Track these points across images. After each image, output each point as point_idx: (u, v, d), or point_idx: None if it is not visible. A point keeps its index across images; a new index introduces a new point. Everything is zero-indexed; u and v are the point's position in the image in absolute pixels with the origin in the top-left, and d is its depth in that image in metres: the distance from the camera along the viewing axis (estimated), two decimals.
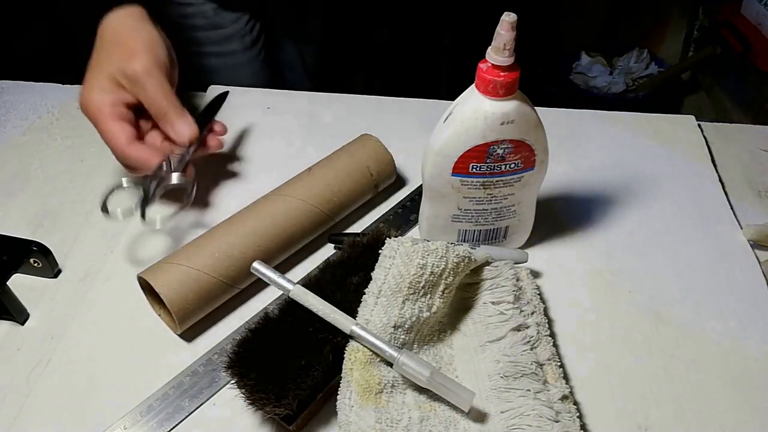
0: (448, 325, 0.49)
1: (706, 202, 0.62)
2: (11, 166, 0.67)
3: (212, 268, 0.49)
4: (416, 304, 0.45)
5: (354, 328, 0.43)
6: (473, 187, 0.50)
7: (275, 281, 0.46)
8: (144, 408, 0.46)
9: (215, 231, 0.53)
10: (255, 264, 0.46)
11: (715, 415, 0.46)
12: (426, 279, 0.45)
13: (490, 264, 0.50)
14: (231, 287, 0.51)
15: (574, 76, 1.65)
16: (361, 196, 0.59)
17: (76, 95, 0.76)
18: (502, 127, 0.46)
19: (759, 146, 0.70)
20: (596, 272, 0.56)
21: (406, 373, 0.42)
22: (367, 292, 0.45)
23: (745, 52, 1.31)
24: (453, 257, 0.46)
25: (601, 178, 0.65)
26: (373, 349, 0.43)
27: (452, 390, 0.42)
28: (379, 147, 0.60)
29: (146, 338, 0.51)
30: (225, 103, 0.65)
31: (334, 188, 0.57)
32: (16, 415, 0.46)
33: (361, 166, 0.59)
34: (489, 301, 0.48)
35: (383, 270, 0.45)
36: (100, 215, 0.61)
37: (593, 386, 0.48)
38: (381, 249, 0.47)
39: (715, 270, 0.56)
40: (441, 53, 1.74)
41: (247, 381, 0.42)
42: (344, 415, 0.42)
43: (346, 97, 0.76)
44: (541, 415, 0.42)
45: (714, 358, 0.50)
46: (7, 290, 0.51)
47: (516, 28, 0.42)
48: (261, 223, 0.53)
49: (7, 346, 0.51)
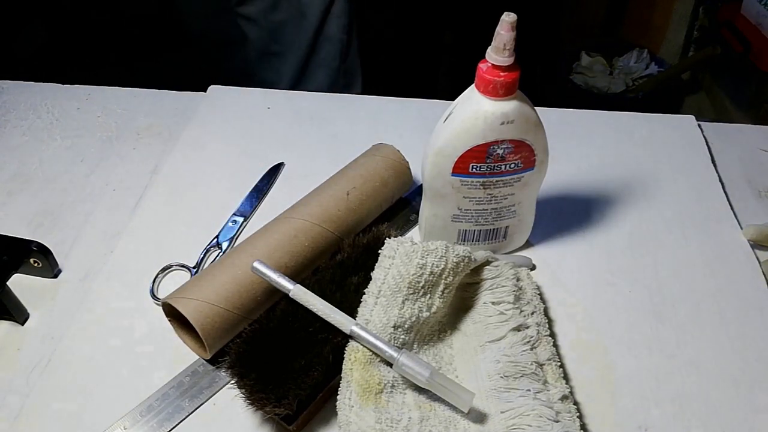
0: (448, 325, 0.49)
1: (706, 202, 0.62)
2: (11, 166, 0.67)
3: (243, 309, 0.47)
4: (416, 304, 0.45)
5: (354, 328, 0.43)
6: (473, 187, 0.50)
7: (276, 281, 0.46)
8: (144, 408, 0.46)
9: (245, 263, 0.48)
10: (256, 264, 0.46)
11: (715, 415, 0.46)
12: (425, 279, 0.45)
13: (490, 264, 0.50)
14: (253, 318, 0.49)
15: (574, 76, 1.65)
16: (377, 213, 0.58)
17: (76, 95, 0.76)
18: (502, 127, 0.46)
19: (759, 146, 0.70)
20: (596, 272, 0.56)
21: (406, 373, 0.42)
22: (366, 292, 0.45)
23: (745, 52, 1.31)
24: (453, 257, 0.46)
25: (601, 178, 0.65)
26: (373, 350, 0.43)
27: (452, 390, 0.42)
28: (403, 168, 0.58)
29: (146, 338, 0.51)
30: (225, 102, 0.65)
31: (361, 215, 0.55)
32: (16, 415, 0.46)
33: (387, 195, 0.57)
34: (489, 301, 0.48)
35: (383, 270, 0.45)
36: (100, 215, 0.61)
37: (593, 386, 0.48)
38: (381, 249, 0.47)
39: (715, 270, 0.56)
40: (441, 53, 1.74)
41: (247, 381, 0.42)
42: (344, 415, 0.42)
43: (346, 97, 0.76)
44: (541, 415, 0.42)
45: (714, 358, 0.50)
46: (7, 290, 0.51)
47: (516, 28, 0.42)
48: (294, 261, 0.50)
49: (7, 346, 0.51)
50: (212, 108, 0.73)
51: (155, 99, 0.75)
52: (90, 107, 0.74)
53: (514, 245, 0.57)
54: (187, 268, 0.55)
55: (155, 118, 0.73)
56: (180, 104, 0.74)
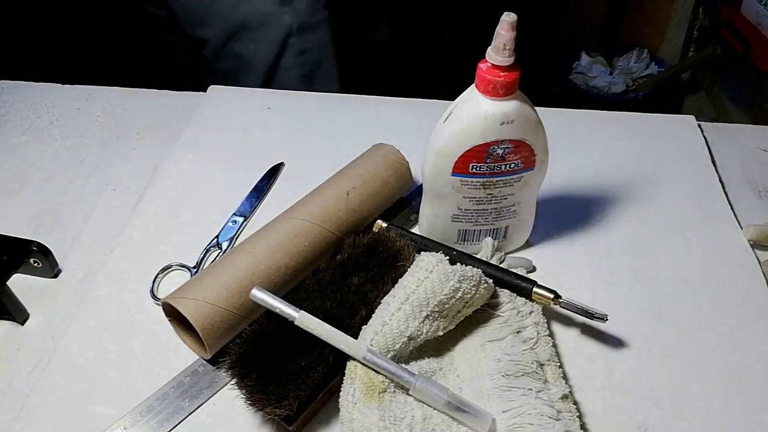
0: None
1: (706, 202, 0.62)
2: (11, 166, 0.67)
3: (243, 309, 0.47)
4: (435, 323, 0.45)
5: (368, 355, 0.43)
6: (473, 187, 0.50)
7: (278, 308, 0.44)
8: (144, 408, 0.46)
9: (245, 263, 0.49)
10: (254, 291, 0.45)
11: (715, 415, 0.46)
12: (453, 303, 0.45)
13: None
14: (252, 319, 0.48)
15: (574, 76, 1.65)
16: (377, 213, 0.58)
17: (76, 95, 0.76)
18: (502, 127, 0.46)
19: (759, 146, 0.70)
20: (596, 272, 0.56)
21: (423, 397, 0.42)
22: (392, 296, 0.45)
23: (745, 52, 1.31)
24: (482, 289, 0.46)
25: (601, 178, 0.65)
26: (389, 376, 0.43)
27: (470, 413, 0.42)
28: (403, 168, 0.58)
29: (146, 338, 0.51)
30: (225, 102, 0.65)
31: (362, 215, 0.55)
32: (16, 415, 0.46)
33: (387, 195, 0.57)
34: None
35: (416, 280, 0.45)
36: (100, 215, 0.61)
37: (593, 386, 0.48)
38: (417, 258, 0.47)
39: (715, 270, 0.56)
40: (441, 53, 1.75)
41: (247, 382, 0.42)
42: (347, 412, 0.42)
43: (346, 97, 0.76)
44: (542, 414, 0.42)
45: (714, 358, 0.50)
46: (7, 290, 0.51)
47: (516, 28, 0.42)
48: (294, 261, 0.50)
49: (7, 346, 0.51)
50: (212, 108, 0.73)
51: (155, 99, 0.76)
52: (90, 107, 0.74)
53: (514, 245, 0.57)
54: (187, 268, 0.55)
55: (155, 118, 0.73)
56: (180, 104, 0.74)
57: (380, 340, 0.43)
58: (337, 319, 0.45)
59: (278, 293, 0.47)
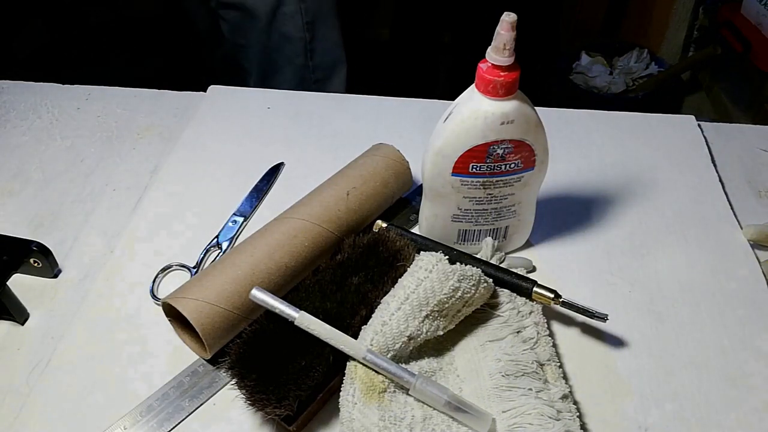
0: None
1: (706, 202, 0.62)
2: (11, 166, 0.67)
3: (243, 309, 0.47)
4: (434, 323, 0.45)
5: (368, 355, 0.43)
6: (473, 187, 0.50)
7: (278, 308, 0.44)
8: (144, 408, 0.46)
9: (245, 263, 0.49)
10: (254, 291, 0.45)
11: (715, 415, 0.46)
12: (453, 302, 0.45)
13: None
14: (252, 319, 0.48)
15: (574, 76, 1.65)
16: (377, 213, 0.58)
17: (76, 95, 0.76)
18: (502, 127, 0.46)
19: (759, 146, 0.70)
20: (596, 272, 0.56)
21: (424, 397, 0.42)
22: (391, 295, 0.45)
23: (745, 52, 1.31)
24: (482, 288, 0.46)
25: (601, 178, 0.65)
26: (388, 376, 0.43)
27: (470, 413, 0.42)
28: (403, 168, 0.58)
29: (146, 338, 0.51)
30: (225, 102, 0.65)
31: (362, 215, 0.55)
32: (16, 415, 0.46)
33: (387, 195, 0.57)
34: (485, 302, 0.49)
35: (415, 280, 0.45)
36: (100, 215, 0.61)
37: (593, 386, 0.48)
38: (416, 258, 0.47)
39: (715, 270, 0.56)
40: (440, 52, 1.75)
41: (247, 382, 0.42)
42: (347, 412, 0.42)
43: (346, 96, 0.76)
44: (542, 414, 0.42)
45: (714, 358, 0.50)
46: (7, 290, 0.51)
47: (516, 27, 0.42)
48: (294, 261, 0.50)
49: (7, 346, 0.51)
50: (212, 108, 0.73)
51: (155, 99, 0.76)
52: (90, 107, 0.74)
53: (514, 245, 0.57)
54: (187, 268, 0.55)
55: (155, 118, 0.73)
56: (180, 104, 0.74)
57: (380, 340, 0.43)
58: (337, 319, 0.45)
59: (278, 293, 0.47)
